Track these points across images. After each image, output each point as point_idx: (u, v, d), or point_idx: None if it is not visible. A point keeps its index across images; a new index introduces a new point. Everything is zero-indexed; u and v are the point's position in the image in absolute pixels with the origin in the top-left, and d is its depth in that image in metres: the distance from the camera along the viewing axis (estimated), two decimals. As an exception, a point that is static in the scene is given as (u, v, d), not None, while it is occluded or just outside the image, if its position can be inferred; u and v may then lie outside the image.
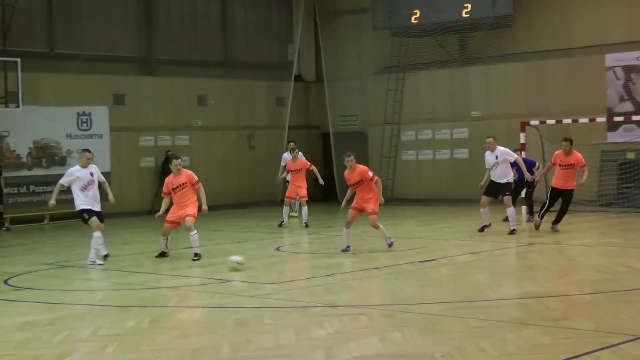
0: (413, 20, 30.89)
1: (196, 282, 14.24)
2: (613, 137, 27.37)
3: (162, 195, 17.23)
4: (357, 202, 16.97)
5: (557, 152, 19.95)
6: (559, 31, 29.23)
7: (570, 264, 15.22)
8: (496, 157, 19.96)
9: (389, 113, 32.63)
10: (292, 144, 24.57)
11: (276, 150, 32.94)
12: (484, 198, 20.00)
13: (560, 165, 19.58)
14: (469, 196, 28.98)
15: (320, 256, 17.15)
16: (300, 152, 23.71)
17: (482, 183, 20.16)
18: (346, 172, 16.91)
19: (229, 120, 32.47)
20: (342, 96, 34.22)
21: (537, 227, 20.06)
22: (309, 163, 23.48)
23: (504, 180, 19.95)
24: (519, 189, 22.64)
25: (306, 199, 23.17)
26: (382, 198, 17.17)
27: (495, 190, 19.98)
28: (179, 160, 17.09)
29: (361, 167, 16.89)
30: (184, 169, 16.99)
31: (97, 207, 16.62)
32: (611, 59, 27.81)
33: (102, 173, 17.14)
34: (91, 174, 16.55)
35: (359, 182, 16.82)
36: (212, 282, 14.05)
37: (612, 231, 20.31)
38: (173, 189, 16.89)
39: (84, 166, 16.54)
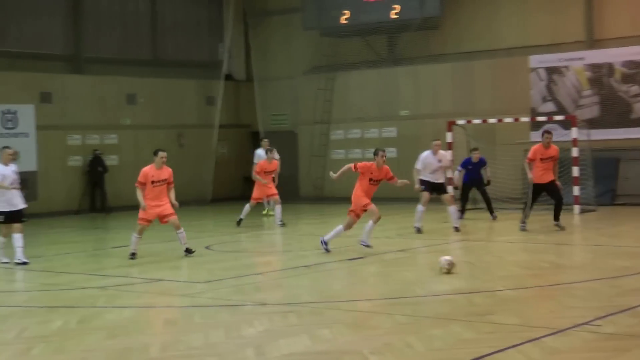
0: (343, 21, 31.09)
1: (125, 281, 14.15)
2: (536, 136, 27.78)
3: (138, 185, 16.71)
4: (366, 204, 16.73)
5: (534, 147, 19.64)
6: (484, 33, 29.69)
7: (495, 260, 15.47)
8: (439, 162, 20.17)
9: (319, 112, 32.79)
10: (266, 140, 24.48)
11: (206, 149, 32.96)
12: (427, 195, 20.20)
13: (541, 159, 19.27)
14: (396, 194, 29.23)
15: (250, 255, 17.21)
16: (275, 150, 23.59)
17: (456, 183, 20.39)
18: (373, 166, 16.57)
19: (159, 119, 32.31)
20: (273, 95, 34.28)
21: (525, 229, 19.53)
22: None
23: (442, 180, 20.23)
24: (467, 189, 23.05)
25: (277, 197, 22.74)
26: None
27: (436, 188, 20.23)
28: (165, 152, 16.82)
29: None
30: (165, 165, 16.78)
31: (18, 207, 16.24)
32: (535, 60, 28.34)
33: (28, 172, 16.82)
34: (14, 172, 16.21)
35: (380, 180, 16.75)
36: (141, 282, 14.03)
37: (535, 228, 20.65)
38: (152, 182, 16.61)
39: (6, 163, 16.21)
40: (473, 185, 23.06)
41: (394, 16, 30.07)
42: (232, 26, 34.20)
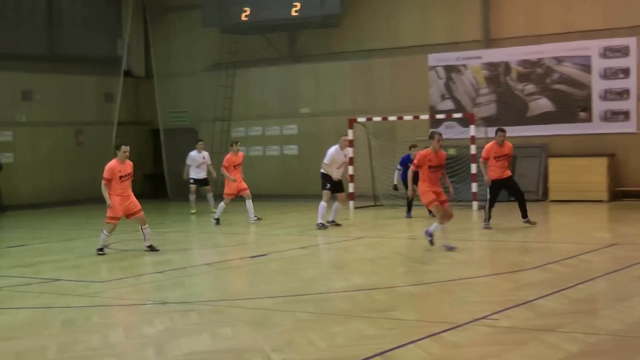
0: (243, 18, 31.02)
1: (21, 282, 13.85)
2: (436, 134, 28.24)
3: (104, 182, 16.56)
4: (430, 202, 15.79)
5: (487, 145, 19.52)
6: (384, 31, 29.97)
7: (396, 256, 15.61)
8: (345, 156, 20.35)
9: (220, 109, 32.66)
10: (201, 143, 25.41)
11: (105, 146, 32.43)
12: (328, 193, 20.28)
13: (495, 157, 19.16)
14: (298, 192, 29.39)
15: (151, 253, 17.03)
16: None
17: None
18: (429, 152, 15.58)
19: (56, 116, 31.73)
20: (172, 92, 33.99)
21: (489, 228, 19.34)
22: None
23: (341, 177, 20.38)
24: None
25: (249, 191, 22.35)
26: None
27: (336, 187, 20.31)
28: (128, 147, 16.73)
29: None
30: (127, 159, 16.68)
31: None
32: (433, 59, 28.75)
33: None
34: None
35: (441, 165, 15.82)
36: (38, 282, 13.75)
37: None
38: (120, 177, 16.51)
39: None
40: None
41: (294, 14, 30.13)
42: (132, 22, 33.78)
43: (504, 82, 27.70)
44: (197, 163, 25.71)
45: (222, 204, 22.30)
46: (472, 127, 24.51)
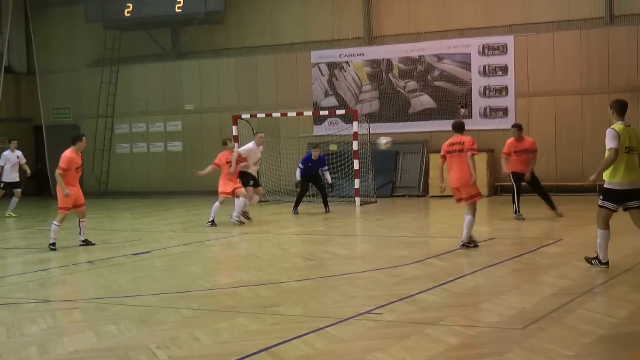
0: (126, 14, 30.71)
1: None
2: (319, 129, 28.54)
3: (61, 172, 16.24)
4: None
5: (507, 141, 19.69)
6: (267, 28, 30.09)
7: (280, 252, 15.72)
8: (260, 152, 20.88)
9: (103, 106, 32.25)
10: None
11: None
12: (251, 189, 20.57)
13: (515, 152, 19.27)
14: (182, 188, 29.28)
15: (33, 251, 16.77)
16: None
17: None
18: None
19: None
20: (55, 88, 33.42)
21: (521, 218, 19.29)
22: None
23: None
24: (306, 183, 22.70)
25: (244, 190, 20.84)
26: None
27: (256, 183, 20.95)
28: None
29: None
30: None
31: None
32: (316, 55, 28.98)
33: None
34: None
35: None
36: None
37: (317, 220, 21.16)
38: (76, 168, 16.41)
39: None
40: (310, 181, 22.78)
41: (177, 10, 30.00)
42: (12, 17, 33.03)
43: (386, 79, 28.11)
44: (12, 163, 24.34)
45: (217, 205, 20.36)
46: (355, 123, 24.81)
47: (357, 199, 24.42)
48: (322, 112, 27.37)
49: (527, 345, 8.22)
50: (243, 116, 26.80)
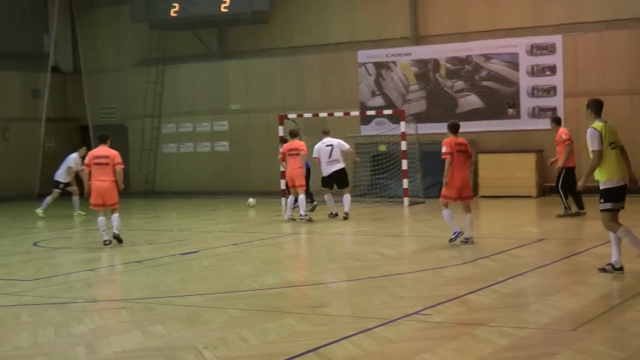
0: (172, 14, 30.80)
1: (-52, 281, 13.65)
2: (366, 130, 28.42)
3: (85, 168, 17.25)
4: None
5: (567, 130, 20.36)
6: (314, 28, 30.03)
7: (327, 252, 15.66)
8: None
9: (149, 106, 32.41)
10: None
11: (32, 143, 32.04)
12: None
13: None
14: (229, 188, 29.34)
15: (80, 251, 16.86)
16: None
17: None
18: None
19: (-18, 113, 31.26)
20: (101, 88, 33.63)
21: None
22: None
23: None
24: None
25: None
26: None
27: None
28: None
29: None
30: None
31: None
32: (362, 55, 28.87)
33: None
34: None
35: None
36: (-34, 281, 13.53)
37: (365, 220, 21.08)
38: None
39: None
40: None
41: (223, 10, 30.04)
42: (58, 17, 33.32)
43: (434, 79, 27.93)
44: (79, 168, 22.86)
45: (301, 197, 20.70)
46: (402, 123, 24.66)
47: (406, 199, 24.27)
48: (369, 112, 27.23)
49: (577, 347, 8.11)
50: (289, 116, 26.77)
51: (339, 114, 26.37)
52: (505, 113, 26.71)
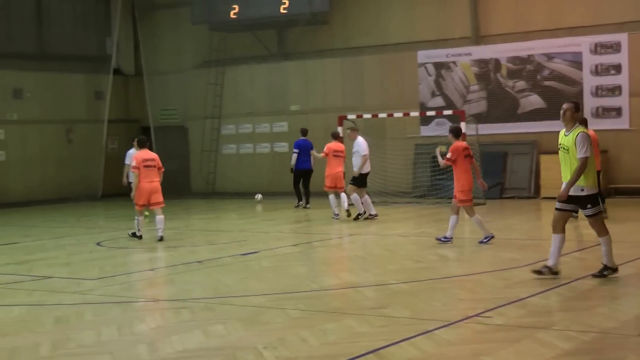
0: (232, 15, 30.98)
1: (13, 279, 13.85)
2: (426, 130, 28.31)
3: (134, 170, 18.07)
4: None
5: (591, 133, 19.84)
6: (373, 28, 29.98)
7: (387, 254, 15.61)
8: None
9: (209, 107, 32.63)
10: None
11: (95, 144, 32.47)
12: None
13: None
14: (288, 189, 29.32)
15: (142, 251, 17.02)
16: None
17: None
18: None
19: (47, 114, 31.70)
20: (162, 90, 33.96)
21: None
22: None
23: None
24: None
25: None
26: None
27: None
28: None
29: None
30: None
31: None
32: (422, 55, 28.75)
33: None
34: None
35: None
36: (30, 280, 13.74)
37: (425, 221, 20.99)
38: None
39: None
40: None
41: (283, 11, 30.13)
42: (120, 20, 33.74)
43: (494, 79, 27.73)
44: None
45: (343, 195, 21.33)
46: (462, 124, 24.50)
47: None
48: (428, 113, 27.12)
49: (644, 353, 7.97)
50: (349, 117, 26.76)
51: (398, 114, 26.29)
52: (567, 113, 26.36)
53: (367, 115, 26.56)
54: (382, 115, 26.43)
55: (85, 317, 10.56)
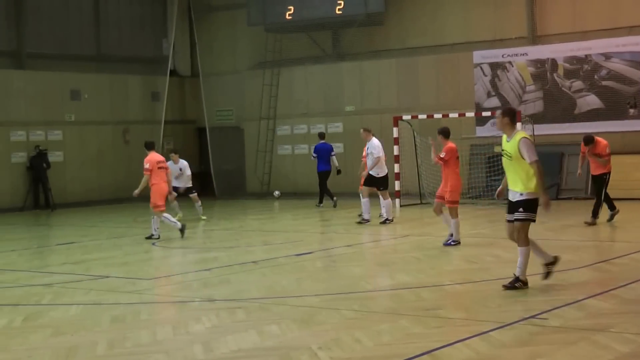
0: (287, 17, 31.06)
1: (71, 279, 14.03)
2: (481, 131, 28.12)
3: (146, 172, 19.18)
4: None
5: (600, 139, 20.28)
6: (428, 28, 29.86)
7: (441, 254, 15.55)
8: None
9: (265, 108, 32.74)
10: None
11: (151, 145, 32.72)
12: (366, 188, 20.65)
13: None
14: (342, 189, 29.34)
15: (197, 251, 17.14)
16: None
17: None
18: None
19: (104, 115, 32.04)
20: (218, 91, 34.16)
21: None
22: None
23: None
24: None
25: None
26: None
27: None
28: None
29: None
30: None
31: None
32: (478, 56, 28.57)
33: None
34: None
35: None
36: (87, 279, 13.90)
37: (480, 222, 20.86)
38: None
39: None
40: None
41: (338, 12, 30.14)
42: (177, 21, 34.00)
43: (551, 79, 27.47)
44: (174, 174, 22.90)
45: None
46: (518, 124, 24.24)
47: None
48: (484, 113, 26.95)
49: None
50: (404, 117, 26.69)
51: (453, 115, 26.17)
52: (626, 113, 26.10)
53: (422, 116, 26.47)
54: (438, 115, 26.32)
55: (141, 316, 10.66)
